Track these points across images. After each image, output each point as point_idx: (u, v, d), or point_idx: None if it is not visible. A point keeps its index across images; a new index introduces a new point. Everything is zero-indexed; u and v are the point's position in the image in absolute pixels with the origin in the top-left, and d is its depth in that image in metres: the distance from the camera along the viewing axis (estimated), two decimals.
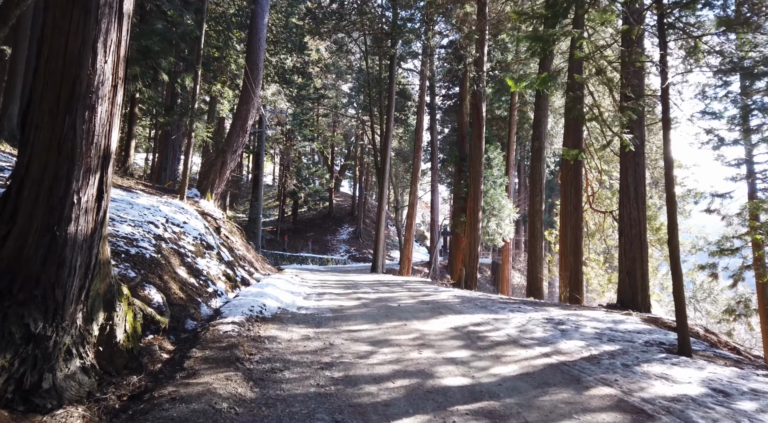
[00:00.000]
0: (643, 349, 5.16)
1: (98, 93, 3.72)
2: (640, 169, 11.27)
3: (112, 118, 3.86)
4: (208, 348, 4.60)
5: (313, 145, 38.90)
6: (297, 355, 4.83)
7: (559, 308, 8.59)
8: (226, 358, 4.31)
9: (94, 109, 3.70)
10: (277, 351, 4.93)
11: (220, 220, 12.58)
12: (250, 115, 14.22)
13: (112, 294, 4.15)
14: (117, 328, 4.15)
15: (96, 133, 3.72)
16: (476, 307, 8.37)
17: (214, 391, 3.46)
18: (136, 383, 4.12)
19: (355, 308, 8.17)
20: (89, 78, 3.67)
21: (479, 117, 16.26)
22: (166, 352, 5.11)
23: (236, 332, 5.31)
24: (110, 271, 4.21)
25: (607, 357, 4.91)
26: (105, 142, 3.82)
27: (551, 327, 6.46)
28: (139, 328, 4.67)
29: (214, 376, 3.82)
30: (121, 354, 4.20)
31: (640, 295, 10.69)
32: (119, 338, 4.18)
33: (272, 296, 8.18)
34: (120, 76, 3.94)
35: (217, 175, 13.80)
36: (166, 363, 4.64)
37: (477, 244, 15.52)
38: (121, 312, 4.22)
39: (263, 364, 4.40)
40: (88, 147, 3.67)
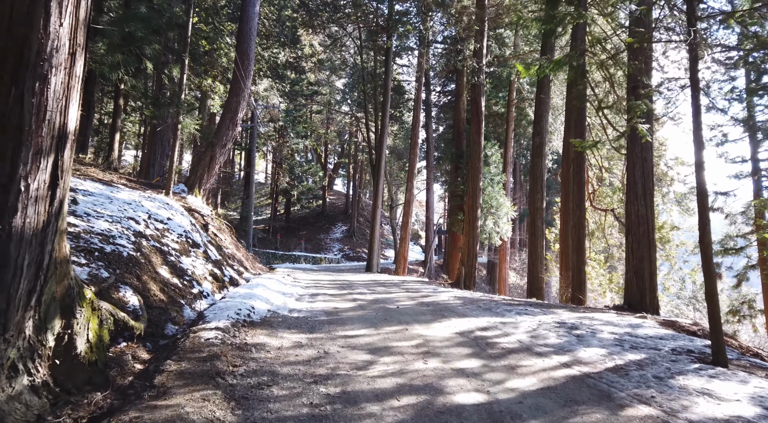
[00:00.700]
0: (673, 359, 4.65)
1: (51, 61, 3.14)
2: (648, 165, 10.79)
3: (69, 91, 3.29)
4: (186, 359, 4.02)
5: (306, 142, 38.20)
6: (287, 367, 4.27)
7: (568, 311, 8.08)
8: (205, 372, 3.74)
9: (47, 79, 3.12)
10: (265, 361, 4.37)
11: (208, 217, 11.97)
12: (240, 107, 13.61)
13: (72, 298, 3.57)
14: (77, 338, 3.57)
15: (49, 108, 3.14)
16: (480, 310, 7.85)
17: (186, 417, 2.90)
18: (99, 402, 3.55)
19: (351, 311, 7.62)
20: (40, 43, 3.09)
21: (478, 111, 15.76)
22: (140, 362, 4.54)
23: (219, 340, 4.74)
24: (70, 271, 3.63)
25: (634, 367, 4.39)
26: (60, 120, 3.24)
27: (565, 332, 5.94)
28: (106, 336, 4.10)
29: (189, 395, 3.25)
30: (82, 367, 3.63)
31: (648, 296, 10.22)
32: (80, 349, 3.60)
33: (262, 298, 7.61)
34: (79, 43, 3.36)
35: (205, 170, 13.18)
36: (138, 376, 4.06)
37: (476, 243, 15.02)
38: (82, 319, 3.64)
39: (248, 378, 3.84)
40: (38, 125, 3.09)
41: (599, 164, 18.22)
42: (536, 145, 15.21)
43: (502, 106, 24.90)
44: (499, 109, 25.04)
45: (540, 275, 14.15)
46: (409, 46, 32.06)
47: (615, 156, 19.03)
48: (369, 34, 26.27)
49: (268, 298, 7.74)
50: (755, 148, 15.29)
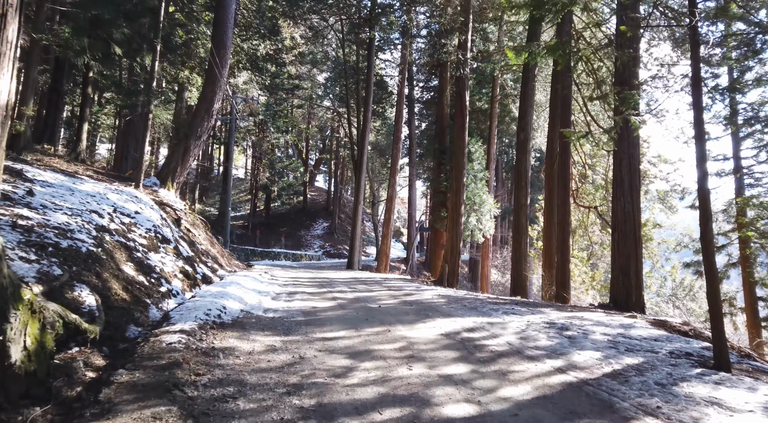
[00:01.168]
0: (672, 363, 4.37)
1: None
2: (635, 161, 10.61)
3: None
4: (141, 368, 3.58)
5: (287, 137, 37.54)
6: (258, 375, 3.85)
7: (556, 310, 7.81)
8: (161, 383, 3.30)
9: None
10: (233, 369, 3.95)
11: (180, 212, 11.41)
12: (216, 97, 13.05)
13: (4, 300, 3.10)
14: (11, 345, 3.10)
15: None
16: (465, 309, 7.52)
17: None
18: (37, 419, 3.09)
19: (331, 310, 7.21)
20: None
21: (462, 106, 15.45)
22: (93, 369, 4.07)
23: (183, 344, 4.29)
24: (2, 268, 3.15)
25: (634, 373, 4.09)
26: None
27: (555, 333, 5.64)
28: (50, 341, 3.62)
29: (138, 413, 2.81)
30: (17, 379, 3.16)
31: (634, 294, 10.04)
32: (15, 358, 3.13)
33: (235, 296, 7.15)
34: (11, 3, 2.89)
35: (179, 162, 12.59)
36: (89, 386, 3.61)
37: (459, 240, 14.73)
38: (17, 323, 3.17)
39: (212, 389, 3.41)
40: None
41: (583, 161, 18.11)
42: (521, 141, 14.97)
43: (486, 103, 24.68)
44: (482, 106, 24.82)
45: (524, 273, 13.93)
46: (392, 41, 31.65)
47: (598, 153, 18.96)
48: (351, 27, 25.75)
49: (241, 297, 7.29)
50: (737, 145, 15.32)
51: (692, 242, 16.06)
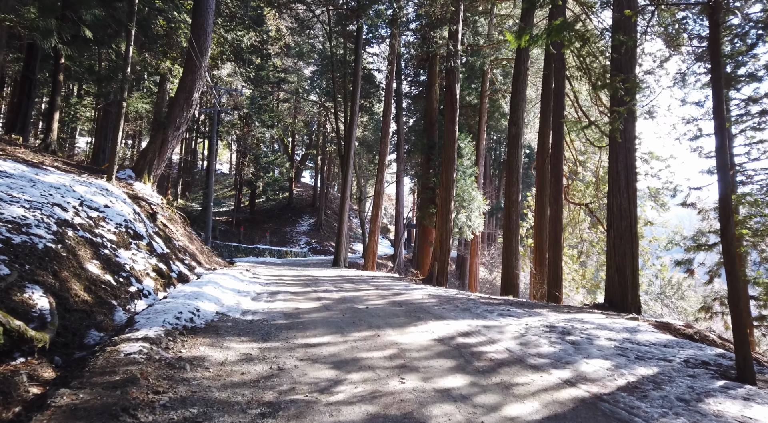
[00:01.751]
0: (690, 374, 3.97)
1: None
2: (631, 156, 10.28)
3: None
4: (89, 386, 3.05)
5: (273, 131, 36.78)
6: (228, 391, 3.36)
7: (553, 311, 7.42)
8: (108, 408, 2.78)
9: None
10: (200, 384, 3.44)
11: (157, 206, 10.80)
12: (196, 86, 12.41)
13: None
14: None
15: None
16: (458, 310, 7.09)
17: None
18: None
19: (315, 312, 6.72)
20: None
21: (452, 99, 15.02)
22: (39, 384, 3.55)
23: (145, 355, 3.77)
24: None
25: (651, 386, 3.68)
26: None
27: (557, 338, 5.23)
28: None
29: None
30: None
31: (630, 293, 9.72)
32: None
33: (211, 297, 6.61)
34: None
35: (156, 154, 11.95)
36: (30, 405, 3.08)
37: (449, 237, 14.33)
38: None
39: (171, 411, 2.91)
40: None
41: (574, 158, 17.82)
42: (512, 135, 14.59)
43: (475, 98, 24.29)
44: (471, 100, 24.42)
45: (515, 271, 13.57)
46: (380, 35, 31.12)
47: (589, 150, 18.70)
48: (338, 19, 25.16)
49: (218, 298, 6.76)
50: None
51: (683, 240, 15.85)
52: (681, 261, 15.65)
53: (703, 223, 16.35)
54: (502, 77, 24.64)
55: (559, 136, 13.67)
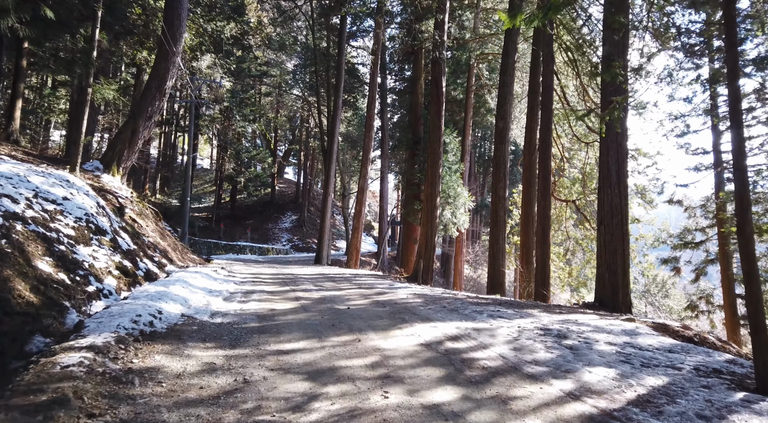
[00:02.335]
0: (704, 384, 3.59)
1: None
2: (623, 151, 9.97)
3: None
4: (4, 409, 2.52)
5: (255, 126, 35.97)
6: (181, 411, 2.85)
7: (544, 312, 7.03)
8: None
9: None
10: (148, 403, 2.93)
11: (125, 200, 10.15)
12: (169, 74, 11.76)
13: None
14: None
15: None
16: (446, 311, 6.65)
17: None
18: None
19: (291, 313, 6.22)
20: None
21: (439, 92, 14.58)
22: None
23: (86, 367, 3.23)
24: None
25: (664, 400, 3.28)
26: None
27: (553, 342, 4.82)
28: None
29: None
30: None
31: (621, 292, 9.41)
32: None
33: (178, 297, 6.07)
34: None
35: (125, 145, 11.28)
36: None
37: (434, 234, 13.91)
38: None
39: None
40: None
41: (561, 154, 17.56)
42: (499, 130, 14.22)
43: (461, 93, 23.91)
44: (457, 96, 24.03)
45: (502, 269, 13.21)
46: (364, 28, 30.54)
47: (575, 146, 18.45)
48: (322, 10, 24.55)
49: (186, 298, 6.21)
50: (717, 138, 14.96)
51: (670, 238, 15.70)
52: (668, 259, 15.49)
53: (690, 220, 16.23)
54: (488, 73, 24.30)
55: (548, 131, 13.34)
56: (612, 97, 9.88)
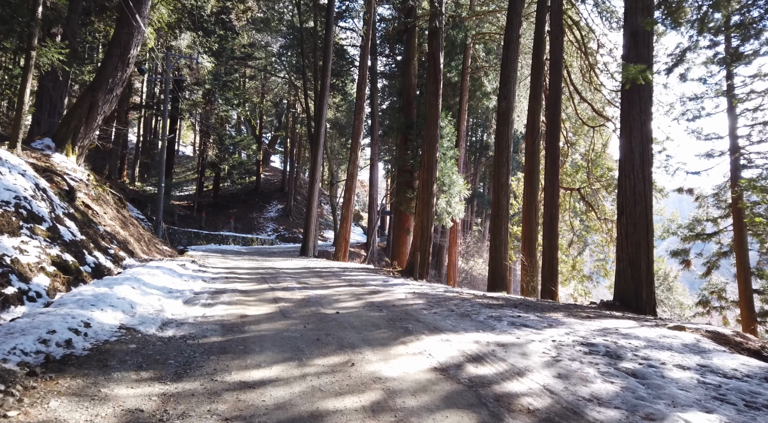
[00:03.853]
0: None
1: None
2: (647, 130, 8.83)
3: None
4: None
5: (238, 110, 34.32)
6: None
7: (571, 316, 5.89)
8: None
9: None
10: None
11: (79, 183, 8.79)
12: (133, 41, 10.33)
13: None
14: None
15: None
16: (455, 317, 5.48)
17: None
18: None
19: (267, 321, 4.99)
20: None
21: (436, 69, 13.33)
22: None
23: None
24: None
25: None
26: None
27: (607, 366, 3.67)
28: None
29: None
30: None
31: (645, 289, 8.35)
32: None
33: (121, 301, 4.80)
34: None
35: (82, 120, 9.86)
36: None
37: (431, 224, 12.74)
38: None
39: None
40: None
41: (564, 138, 16.44)
42: (502, 111, 13.02)
43: (456, 75, 22.63)
44: (452, 78, 22.75)
45: (504, 262, 12.10)
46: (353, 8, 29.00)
47: (578, 131, 17.33)
48: None
49: (133, 302, 4.95)
50: (733, 122, 13.94)
51: (680, 229, 14.70)
52: (677, 251, 14.53)
53: (700, 210, 15.26)
54: (485, 54, 23.05)
55: (556, 111, 12.20)
56: (636, 61, 8.77)
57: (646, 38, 8.88)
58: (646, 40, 8.87)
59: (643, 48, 8.86)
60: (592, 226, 15.96)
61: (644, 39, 8.87)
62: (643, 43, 8.87)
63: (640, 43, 8.88)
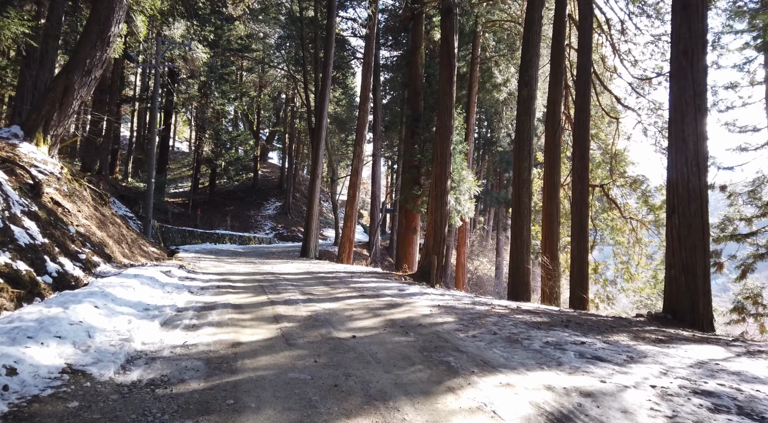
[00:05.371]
0: None
1: None
2: (702, 117, 7.68)
3: None
4: None
5: (235, 104, 33.09)
6: None
7: (638, 339, 4.78)
8: None
9: None
10: None
11: (49, 176, 7.63)
12: (114, 17, 9.15)
13: None
14: None
15: None
16: (501, 343, 4.36)
17: None
18: None
19: (266, 352, 3.85)
20: None
21: (450, 53, 12.20)
22: None
23: None
24: None
25: None
26: None
27: None
28: None
29: None
30: None
31: (702, 301, 7.22)
32: None
33: (74, 329, 3.65)
34: None
35: (55, 106, 8.69)
36: None
37: (444, 223, 11.61)
38: None
39: None
40: None
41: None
42: (523, 99, 11.88)
43: (465, 65, 21.47)
44: (461, 69, 21.57)
45: (527, 266, 10.97)
46: None
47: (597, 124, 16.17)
48: None
49: (92, 327, 3.80)
50: None
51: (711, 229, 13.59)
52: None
53: (731, 208, 14.17)
54: (495, 43, 21.88)
55: (585, 99, 11.08)
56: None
57: (700, 10, 7.75)
58: (700, 13, 7.75)
59: (696, 22, 7.74)
60: (615, 226, 14.85)
61: (698, 11, 7.74)
62: (696, 16, 7.74)
63: (693, 16, 7.76)
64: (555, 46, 13.11)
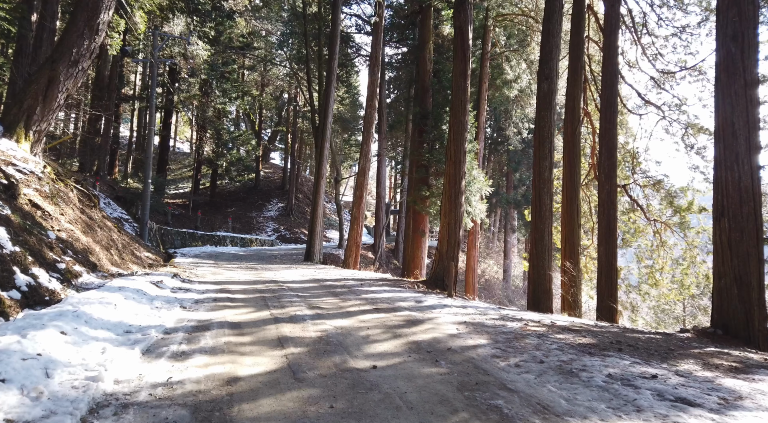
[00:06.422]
0: None
1: None
2: (755, 108, 6.88)
3: None
4: None
5: (237, 103, 32.35)
6: None
7: (712, 368, 4.00)
8: None
9: None
10: None
11: (28, 176, 6.87)
12: (103, 3, 8.41)
13: None
14: None
15: None
16: (555, 376, 3.59)
17: None
18: None
19: (268, 392, 3.07)
20: None
21: (464, 45, 11.44)
22: None
23: None
24: None
25: None
26: None
27: None
28: None
29: None
30: None
31: (757, 315, 6.43)
32: None
33: (29, 365, 2.89)
34: None
35: (38, 99, 7.95)
36: None
37: (459, 226, 10.84)
38: None
39: None
40: None
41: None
42: (544, 93, 11.12)
43: (475, 61, 20.67)
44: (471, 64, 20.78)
45: (549, 272, 10.19)
46: None
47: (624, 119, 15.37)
48: None
49: (53, 361, 3.04)
50: None
51: None
52: None
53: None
54: (506, 38, 21.10)
55: (612, 91, 10.30)
56: None
57: None
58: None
59: (747, 4, 6.96)
60: (638, 228, 14.05)
61: None
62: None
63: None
64: (574, 38, 12.35)
